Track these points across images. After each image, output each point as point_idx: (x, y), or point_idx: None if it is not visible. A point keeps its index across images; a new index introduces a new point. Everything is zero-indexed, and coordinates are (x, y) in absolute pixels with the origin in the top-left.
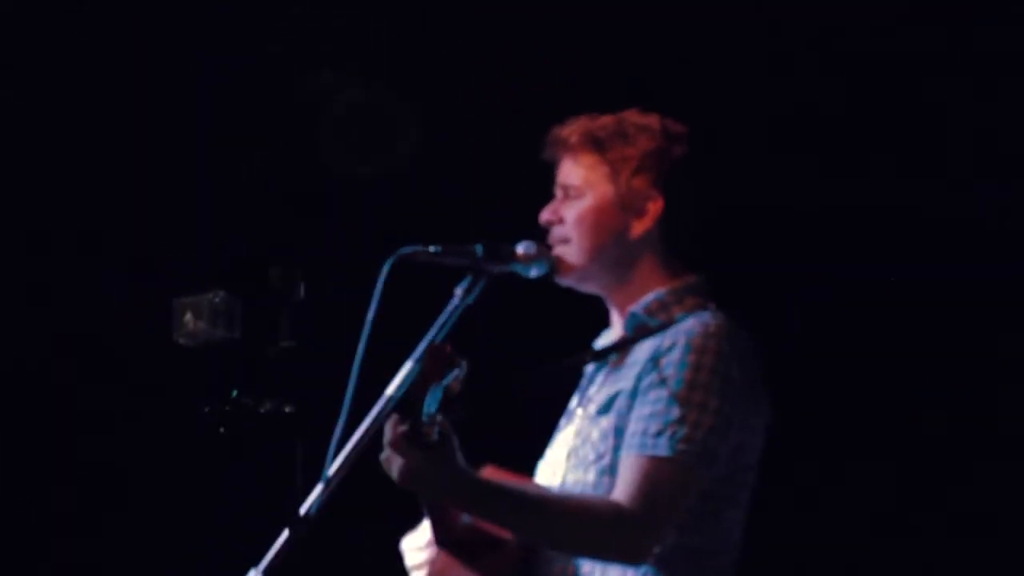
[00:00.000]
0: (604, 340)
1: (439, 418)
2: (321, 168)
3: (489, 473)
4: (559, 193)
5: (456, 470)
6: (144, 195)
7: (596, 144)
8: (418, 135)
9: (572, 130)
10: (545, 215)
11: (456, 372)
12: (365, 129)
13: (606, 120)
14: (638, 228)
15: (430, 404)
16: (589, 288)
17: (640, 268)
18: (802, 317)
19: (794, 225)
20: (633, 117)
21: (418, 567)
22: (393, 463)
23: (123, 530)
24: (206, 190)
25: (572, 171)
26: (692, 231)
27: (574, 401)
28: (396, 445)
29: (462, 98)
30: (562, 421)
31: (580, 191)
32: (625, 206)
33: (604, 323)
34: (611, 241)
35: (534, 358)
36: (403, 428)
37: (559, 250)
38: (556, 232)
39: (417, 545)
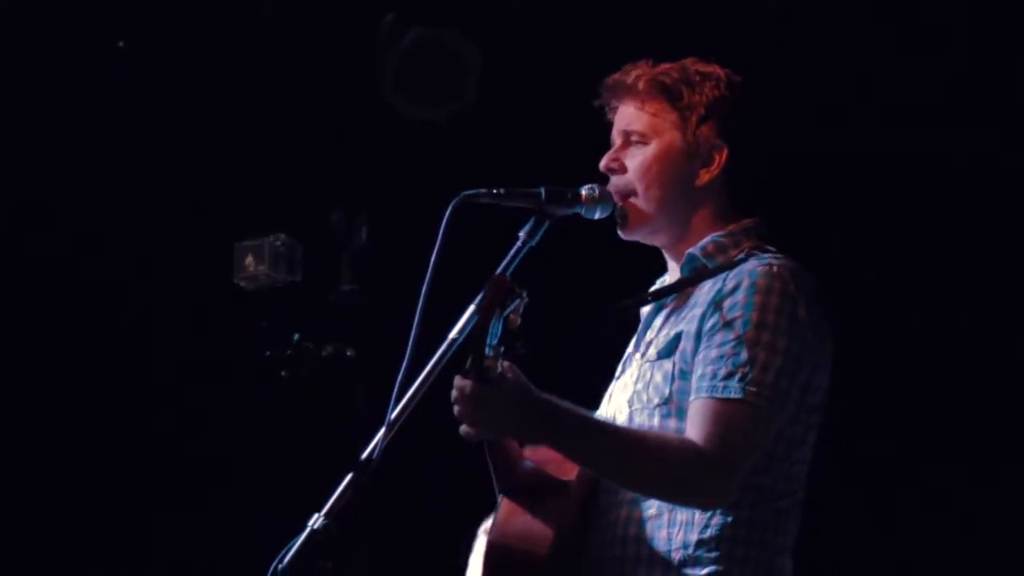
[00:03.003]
0: (660, 286)
1: (502, 350)
2: (384, 110)
3: None
4: (618, 140)
5: (527, 400)
6: (205, 137)
7: (664, 91)
8: (482, 77)
9: (637, 75)
10: (606, 162)
11: (517, 302)
12: (429, 71)
13: (669, 67)
14: (704, 177)
15: (492, 337)
16: (654, 240)
17: (700, 216)
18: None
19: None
20: (696, 65)
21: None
22: (460, 410)
23: (183, 475)
24: (267, 133)
25: (637, 117)
26: (754, 180)
27: (630, 347)
28: (459, 388)
29: (526, 41)
30: (618, 368)
31: (646, 138)
32: (692, 155)
33: (657, 268)
34: (678, 190)
35: (588, 303)
36: (464, 369)
37: (625, 203)
38: (618, 182)
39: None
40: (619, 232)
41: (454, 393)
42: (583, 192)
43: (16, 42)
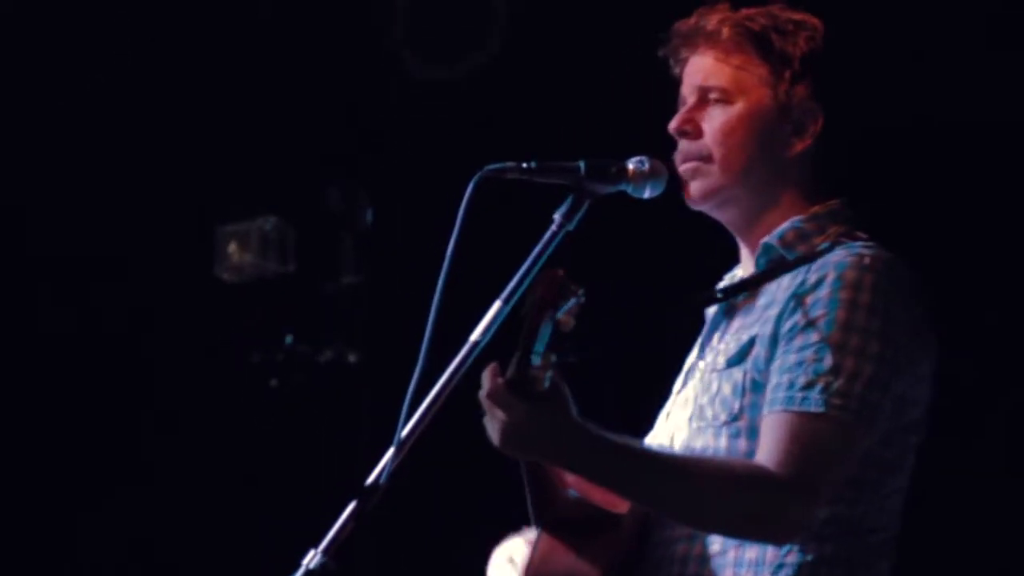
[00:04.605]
0: (730, 281)
1: (553, 359)
2: (392, 67)
3: None
4: (691, 97)
5: (572, 424)
6: (180, 103)
7: (754, 39)
8: (508, 28)
9: (720, 20)
10: (677, 122)
11: (573, 302)
12: (445, 20)
13: (755, 12)
14: (796, 147)
15: (540, 343)
16: (725, 215)
17: (784, 193)
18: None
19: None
20: (785, 12)
21: None
22: (492, 420)
23: (160, 498)
24: (253, 96)
25: (718, 70)
26: (847, 154)
27: (694, 354)
28: (495, 397)
29: None
30: (679, 379)
31: (729, 95)
32: (784, 119)
33: (724, 256)
34: (764, 159)
35: (644, 299)
36: (505, 376)
37: (695, 167)
38: (691, 146)
39: (504, 559)
40: (686, 200)
41: (486, 400)
42: (630, 166)
43: None
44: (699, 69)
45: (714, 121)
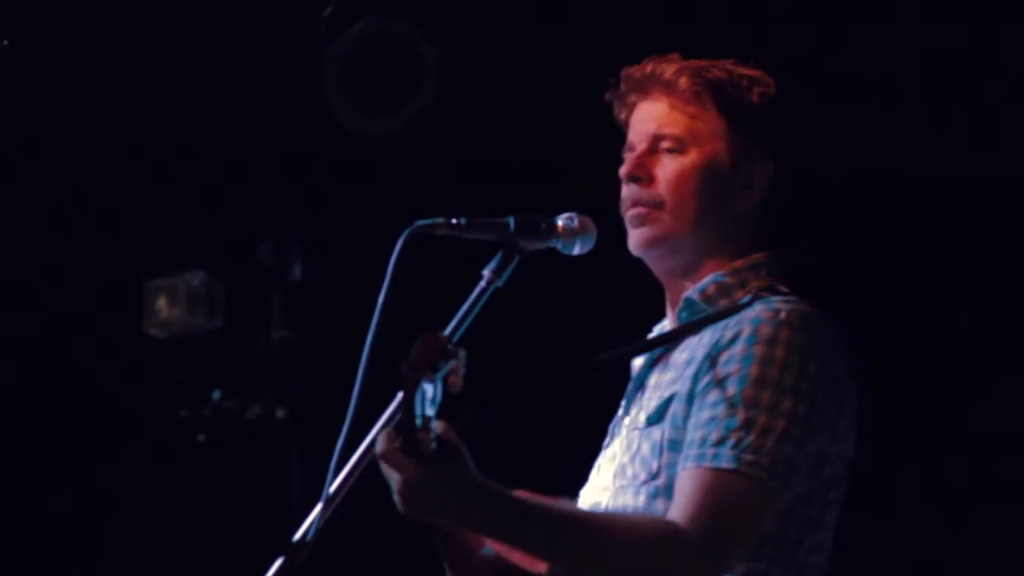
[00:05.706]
0: (659, 333)
1: (434, 423)
2: (323, 123)
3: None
4: (641, 144)
5: (466, 483)
6: (106, 154)
7: (712, 90)
8: (441, 79)
9: (678, 69)
10: (630, 167)
11: (451, 363)
12: (378, 76)
13: (710, 64)
14: (746, 201)
15: (423, 406)
16: (666, 263)
17: (727, 247)
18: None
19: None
20: (738, 67)
21: None
22: (390, 483)
23: (83, 554)
24: (182, 149)
25: (672, 119)
26: (789, 209)
27: (620, 408)
28: (388, 458)
29: (493, 42)
30: (608, 435)
31: (683, 145)
32: (736, 172)
33: (652, 310)
34: (715, 211)
35: (567, 351)
36: (398, 439)
37: (646, 212)
38: (642, 192)
39: None
40: (630, 245)
41: (381, 463)
42: (560, 223)
43: None
44: (653, 117)
45: (667, 170)
